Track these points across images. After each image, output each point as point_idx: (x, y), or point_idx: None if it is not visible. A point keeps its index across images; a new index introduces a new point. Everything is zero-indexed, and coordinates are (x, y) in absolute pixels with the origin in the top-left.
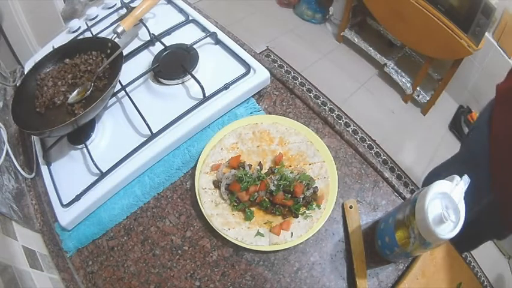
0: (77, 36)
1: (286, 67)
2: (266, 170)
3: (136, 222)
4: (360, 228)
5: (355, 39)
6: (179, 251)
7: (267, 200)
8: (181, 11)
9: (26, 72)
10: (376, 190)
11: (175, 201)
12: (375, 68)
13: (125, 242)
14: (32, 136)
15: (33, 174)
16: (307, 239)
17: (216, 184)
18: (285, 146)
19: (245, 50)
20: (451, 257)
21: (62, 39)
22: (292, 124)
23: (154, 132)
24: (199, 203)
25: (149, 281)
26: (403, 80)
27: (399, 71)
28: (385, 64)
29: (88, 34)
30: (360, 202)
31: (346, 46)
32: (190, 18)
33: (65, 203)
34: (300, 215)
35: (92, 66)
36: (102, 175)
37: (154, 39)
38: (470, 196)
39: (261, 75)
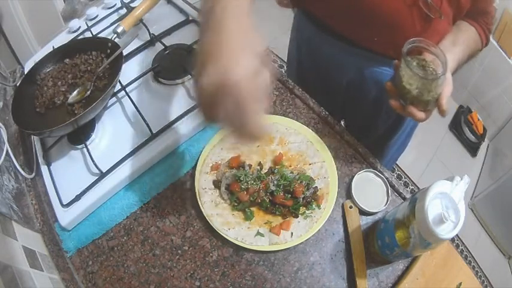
0: (77, 36)
1: (286, 67)
2: (266, 170)
3: (136, 222)
4: (360, 228)
5: None
6: (179, 251)
7: (267, 200)
8: (181, 11)
9: (26, 72)
10: None
11: (175, 201)
12: None
13: (124, 242)
14: (32, 136)
15: (33, 174)
16: (307, 239)
17: (216, 184)
18: (285, 146)
19: None
20: (451, 257)
21: (62, 39)
22: (292, 124)
23: (154, 132)
24: (199, 203)
25: (149, 281)
26: None
27: None
28: None
29: (88, 34)
30: None
31: None
32: (190, 18)
33: (65, 203)
34: (300, 215)
35: (92, 66)
36: (102, 175)
37: (154, 39)
38: None
39: None
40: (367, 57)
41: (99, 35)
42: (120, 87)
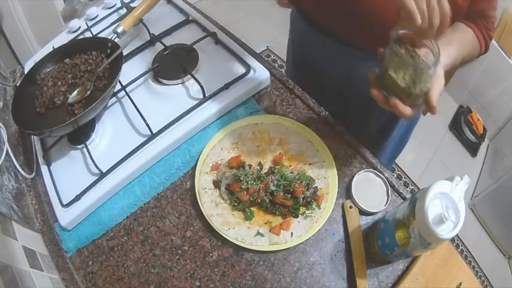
0: (77, 36)
1: (286, 67)
2: (266, 170)
3: (136, 222)
4: (360, 228)
5: None
6: (179, 251)
7: (267, 200)
8: (181, 11)
9: (26, 72)
10: None
11: (175, 201)
12: None
13: (124, 242)
14: (32, 136)
15: (33, 174)
16: (307, 239)
17: (216, 184)
18: (285, 146)
19: (245, 50)
20: (451, 257)
21: (62, 39)
22: (292, 124)
23: (154, 132)
24: (199, 203)
25: (149, 281)
26: None
27: None
28: None
29: (88, 34)
30: None
31: None
32: (190, 18)
33: (65, 203)
34: (300, 215)
35: (92, 66)
36: (102, 175)
37: (154, 39)
38: None
39: (261, 75)
40: (358, 56)
41: (99, 35)
42: (120, 87)
